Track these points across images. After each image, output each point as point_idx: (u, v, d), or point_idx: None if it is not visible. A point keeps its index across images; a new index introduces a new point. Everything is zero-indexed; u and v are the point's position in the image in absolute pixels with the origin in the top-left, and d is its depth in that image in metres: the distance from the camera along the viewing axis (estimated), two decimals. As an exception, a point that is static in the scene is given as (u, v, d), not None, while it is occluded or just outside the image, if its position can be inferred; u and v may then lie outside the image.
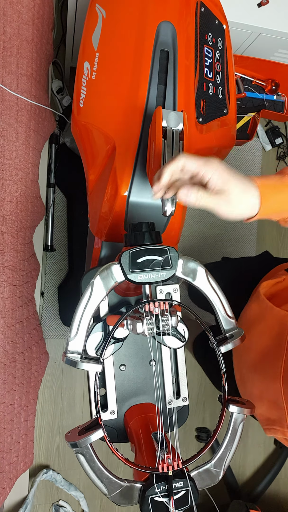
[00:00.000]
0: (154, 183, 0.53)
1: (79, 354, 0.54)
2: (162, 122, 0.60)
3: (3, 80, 0.92)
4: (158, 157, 0.58)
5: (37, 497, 1.44)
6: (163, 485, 0.53)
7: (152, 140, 0.63)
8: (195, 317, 0.57)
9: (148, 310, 0.55)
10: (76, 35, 1.25)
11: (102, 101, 0.72)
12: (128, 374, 0.72)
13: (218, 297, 0.58)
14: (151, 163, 0.62)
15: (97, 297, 0.55)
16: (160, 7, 0.75)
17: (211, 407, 1.68)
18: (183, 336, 0.66)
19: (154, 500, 0.53)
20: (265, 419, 0.69)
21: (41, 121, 1.03)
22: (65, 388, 1.50)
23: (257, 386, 0.71)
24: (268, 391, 0.67)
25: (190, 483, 0.54)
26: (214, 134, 0.79)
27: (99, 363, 0.54)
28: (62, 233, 1.51)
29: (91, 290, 0.55)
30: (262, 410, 0.70)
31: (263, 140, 1.82)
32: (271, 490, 1.70)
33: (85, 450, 0.52)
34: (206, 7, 0.80)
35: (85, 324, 0.55)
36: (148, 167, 0.64)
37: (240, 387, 0.78)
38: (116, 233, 0.76)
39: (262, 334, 0.72)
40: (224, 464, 0.57)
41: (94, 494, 1.52)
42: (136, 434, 0.65)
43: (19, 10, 0.96)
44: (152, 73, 0.73)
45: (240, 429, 0.57)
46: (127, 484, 0.54)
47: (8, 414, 0.96)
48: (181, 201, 0.51)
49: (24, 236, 0.98)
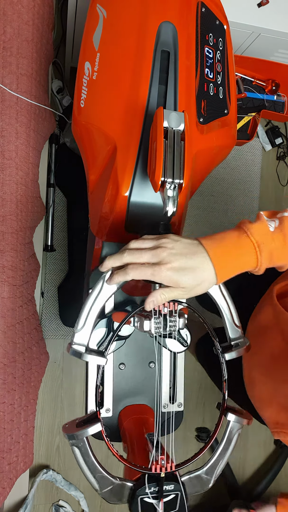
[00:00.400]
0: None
1: (84, 346, 0.55)
2: (163, 123, 0.60)
3: (3, 80, 0.92)
4: (159, 157, 0.58)
5: (37, 497, 1.44)
6: (154, 486, 0.53)
7: (153, 141, 0.63)
8: (203, 321, 0.57)
9: (158, 309, 0.55)
10: (76, 35, 1.25)
11: (103, 101, 0.72)
12: (127, 373, 0.72)
13: (227, 304, 0.59)
14: (152, 164, 0.62)
15: (107, 292, 0.56)
16: (161, 7, 0.75)
17: (211, 407, 1.68)
18: (185, 341, 0.66)
19: (143, 501, 0.53)
20: (274, 422, 0.69)
21: (41, 121, 1.03)
22: (65, 388, 1.50)
23: (267, 388, 0.70)
24: (278, 395, 0.67)
25: (180, 487, 0.54)
26: (215, 134, 0.79)
27: (104, 356, 0.55)
28: (62, 233, 1.51)
29: (102, 283, 0.55)
30: (270, 413, 0.69)
31: (263, 140, 1.82)
32: (271, 490, 1.70)
33: (81, 443, 0.53)
34: (207, 7, 0.80)
35: (92, 317, 0.55)
36: (149, 168, 0.64)
37: (248, 388, 0.78)
38: (116, 233, 0.76)
39: (275, 337, 0.72)
40: (216, 472, 0.57)
41: (94, 494, 1.52)
42: (129, 434, 0.65)
43: (19, 10, 0.96)
44: (153, 73, 0.73)
45: (235, 439, 0.57)
46: (118, 482, 0.54)
47: (8, 414, 0.96)
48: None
49: (24, 236, 0.98)
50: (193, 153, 0.73)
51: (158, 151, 0.59)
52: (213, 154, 0.82)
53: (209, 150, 0.79)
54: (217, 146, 0.81)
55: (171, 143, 0.59)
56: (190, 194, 0.79)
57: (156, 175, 0.58)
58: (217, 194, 1.77)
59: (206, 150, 0.77)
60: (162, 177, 0.58)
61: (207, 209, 1.75)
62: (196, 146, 0.74)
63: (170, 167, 0.58)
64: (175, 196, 0.56)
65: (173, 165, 0.58)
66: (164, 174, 0.58)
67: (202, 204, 1.74)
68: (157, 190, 0.60)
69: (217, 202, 1.76)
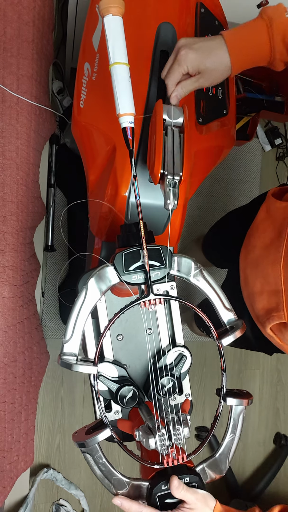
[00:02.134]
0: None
1: (74, 356, 0.54)
2: (163, 116, 0.60)
3: (3, 81, 0.93)
4: (158, 150, 0.59)
5: (38, 496, 1.44)
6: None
7: (152, 134, 0.63)
8: (196, 311, 0.58)
9: (160, 425, 0.54)
10: (76, 36, 1.26)
11: (102, 102, 0.73)
12: (126, 343, 0.71)
13: (214, 291, 0.59)
14: (151, 157, 0.62)
15: (91, 299, 0.55)
16: (160, 8, 0.75)
17: (211, 406, 1.68)
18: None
19: (161, 497, 0.53)
20: (266, 311, 0.72)
21: (41, 122, 1.04)
22: (65, 388, 1.51)
23: (258, 280, 0.74)
24: (268, 281, 0.71)
25: (195, 478, 0.54)
26: (214, 134, 0.79)
27: (95, 365, 0.54)
28: (62, 233, 1.52)
29: (85, 292, 0.55)
30: (262, 303, 0.73)
31: (263, 141, 1.82)
32: (270, 489, 1.70)
33: (93, 450, 0.52)
34: (206, 8, 0.81)
35: (80, 326, 0.54)
36: (149, 161, 0.64)
37: (244, 289, 0.81)
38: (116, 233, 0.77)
39: (266, 229, 0.76)
40: (229, 456, 0.57)
41: (95, 493, 1.52)
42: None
43: (20, 11, 0.96)
44: (152, 73, 0.73)
45: (241, 420, 0.57)
46: (135, 483, 0.54)
47: (9, 413, 0.96)
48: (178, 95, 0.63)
49: (25, 236, 0.99)
50: (193, 150, 0.74)
51: (158, 144, 0.59)
52: (212, 154, 0.82)
53: (208, 150, 0.80)
54: (216, 146, 0.81)
55: (170, 136, 0.59)
56: (189, 193, 0.80)
57: (156, 167, 0.58)
58: (217, 194, 1.78)
59: (205, 150, 0.78)
60: (162, 170, 0.58)
61: (207, 209, 1.75)
62: (195, 146, 0.74)
63: (169, 159, 0.58)
64: (175, 190, 0.56)
65: (173, 158, 0.58)
66: (164, 167, 0.58)
67: (202, 204, 1.74)
68: (157, 182, 0.60)
69: (217, 202, 1.77)
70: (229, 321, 0.59)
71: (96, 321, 0.70)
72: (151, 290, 0.55)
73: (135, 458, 0.54)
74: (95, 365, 0.55)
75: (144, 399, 0.68)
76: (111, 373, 0.66)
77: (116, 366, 0.66)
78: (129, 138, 0.56)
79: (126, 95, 0.56)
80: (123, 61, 0.57)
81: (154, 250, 0.56)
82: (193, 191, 0.84)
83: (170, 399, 0.69)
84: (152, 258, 0.56)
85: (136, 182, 0.55)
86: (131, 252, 0.55)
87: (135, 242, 0.57)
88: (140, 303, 0.56)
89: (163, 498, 0.53)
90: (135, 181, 0.55)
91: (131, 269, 0.55)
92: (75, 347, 0.54)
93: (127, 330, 0.71)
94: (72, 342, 0.54)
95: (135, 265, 0.55)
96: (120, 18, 0.57)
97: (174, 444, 0.54)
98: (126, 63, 0.57)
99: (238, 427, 0.57)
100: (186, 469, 0.54)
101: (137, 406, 0.64)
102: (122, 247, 0.58)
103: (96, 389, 0.55)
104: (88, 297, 0.55)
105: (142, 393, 0.68)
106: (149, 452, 0.58)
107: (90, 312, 0.55)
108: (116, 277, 0.55)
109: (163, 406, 0.61)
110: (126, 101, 0.56)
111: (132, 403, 0.63)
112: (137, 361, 0.72)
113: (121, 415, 0.69)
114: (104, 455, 0.53)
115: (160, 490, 0.52)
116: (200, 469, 0.56)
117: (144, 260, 0.55)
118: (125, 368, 0.67)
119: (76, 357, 0.54)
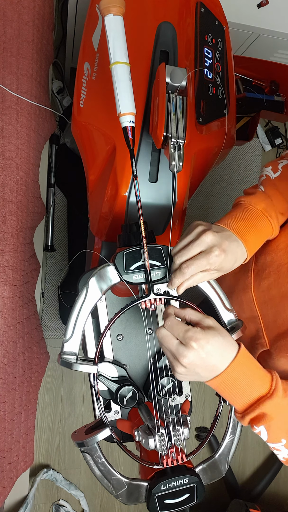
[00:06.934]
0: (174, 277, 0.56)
1: (74, 355, 0.54)
2: (166, 78, 0.60)
3: (3, 81, 0.93)
4: (161, 112, 0.58)
5: (37, 496, 1.44)
6: (168, 482, 0.53)
7: (155, 97, 0.63)
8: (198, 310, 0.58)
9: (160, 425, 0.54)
10: (76, 36, 1.25)
11: (102, 102, 0.73)
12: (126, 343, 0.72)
13: (215, 291, 0.59)
14: (154, 120, 0.61)
15: (92, 299, 0.55)
16: (160, 8, 0.75)
17: (211, 406, 1.68)
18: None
19: (160, 498, 0.53)
20: (249, 342, 0.72)
21: (41, 122, 1.04)
22: (65, 388, 1.51)
23: (235, 309, 0.74)
24: (243, 308, 0.71)
25: (195, 478, 0.54)
26: (214, 134, 0.79)
27: (95, 364, 0.54)
28: (62, 233, 1.51)
29: (86, 291, 0.55)
30: (245, 333, 0.73)
31: (263, 141, 1.82)
32: (270, 489, 1.70)
33: (92, 450, 0.52)
34: (206, 8, 0.81)
35: (80, 326, 0.54)
36: (152, 124, 0.64)
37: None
38: (116, 233, 0.76)
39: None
40: (229, 456, 0.57)
41: (94, 494, 1.52)
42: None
43: (20, 11, 0.96)
44: (152, 73, 0.73)
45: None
46: (134, 483, 0.54)
47: (9, 414, 0.96)
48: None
49: (25, 236, 0.99)
50: (193, 151, 0.74)
51: (161, 106, 0.58)
52: (212, 154, 0.82)
53: (209, 150, 0.79)
54: (216, 146, 0.81)
55: (173, 99, 0.59)
56: (189, 193, 0.79)
57: (159, 130, 0.58)
58: (217, 194, 1.78)
59: (205, 150, 0.78)
60: (165, 132, 0.58)
61: (207, 209, 1.75)
62: (196, 146, 0.74)
63: (173, 123, 0.58)
64: (180, 152, 0.56)
65: (176, 121, 0.58)
66: (167, 130, 0.58)
67: (202, 204, 1.74)
68: (160, 145, 0.60)
69: (217, 202, 1.77)
70: (229, 322, 0.59)
71: (96, 321, 0.70)
72: (152, 290, 0.55)
73: (135, 458, 0.54)
74: (95, 365, 0.55)
75: (144, 400, 0.68)
76: (111, 373, 0.66)
77: (116, 366, 0.66)
78: (130, 138, 0.56)
79: (127, 94, 0.56)
80: (123, 61, 0.56)
81: (155, 249, 0.56)
82: (193, 191, 0.84)
83: (170, 400, 0.69)
84: (152, 258, 0.56)
85: (136, 181, 0.55)
86: (131, 251, 0.55)
87: (136, 242, 0.57)
88: (140, 303, 0.56)
89: (162, 499, 0.53)
90: (136, 180, 0.55)
91: (131, 268, 0.55)
92: (75, 347, 0.54)
93: (127, 330, 0.71)
94: (72, 341, 0.54)
95: (135, 264, 0.55)
96: (120, 18, 0.56)
97: (173, 445, 0.54)
98: (127, 62, 0.57)
99: (238, 428, 0.57)
100: (186, 470, 0.54)
101: (137, 406, 0.64)
102: (122, 246, 0.58)
103: (96, 389, 0.55)
104: (88, 296, 0.55)
105: (141, 394, 0.68)
106: (148, 452, 0.58)
107: (91, 312, 0.55)
108: (116, 277, 0.55)
109: (163, 407, 0.60)
110: (127, 100, 0.56)
111: (132, 403, 0.63)
112: (137, 361, 0.72)
113: (121, 415, 0.69)
114: (103, 455, 0.53)
115: (160, 490, 0.52)
116: (199, 470, 0.56)
117: (144, 260, 0.55)
118: (125, 368, 0.67)
119: (76, 356, 0.54)
